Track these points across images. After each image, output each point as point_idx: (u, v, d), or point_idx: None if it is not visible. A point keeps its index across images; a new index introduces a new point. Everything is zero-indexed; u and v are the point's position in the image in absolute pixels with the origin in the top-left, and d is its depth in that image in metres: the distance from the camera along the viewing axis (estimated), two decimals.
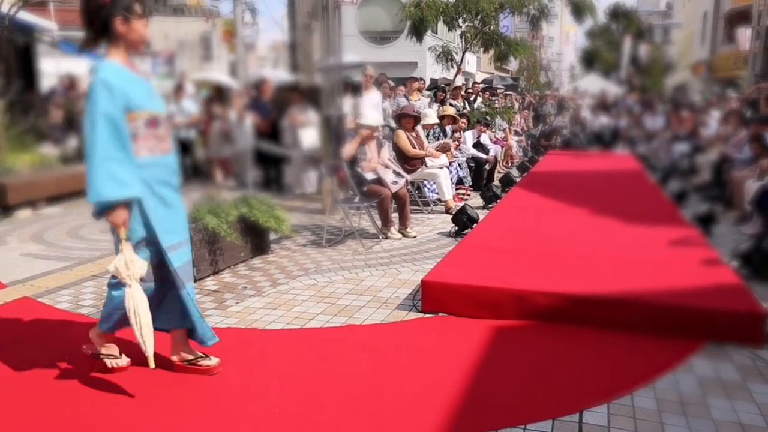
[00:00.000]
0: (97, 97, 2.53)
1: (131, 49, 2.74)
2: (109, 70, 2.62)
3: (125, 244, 2.65)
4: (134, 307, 2.66)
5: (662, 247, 4.75)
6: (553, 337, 3.43)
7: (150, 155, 2.72)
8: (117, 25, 2.64)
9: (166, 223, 2.80)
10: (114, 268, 2.65)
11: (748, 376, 2.95)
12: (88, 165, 2.53)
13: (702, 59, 26.72)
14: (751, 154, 6.84)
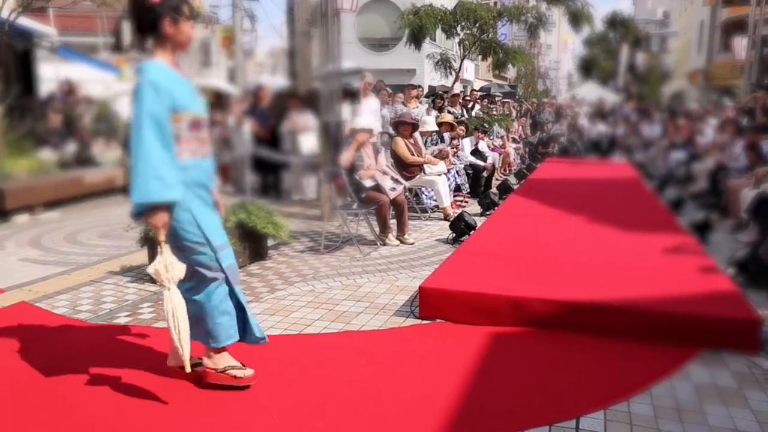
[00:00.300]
0: (145, 97, 2.53)
1: (178, 50, 2.74)
2: (157, 70, 2.62)
3: (165, 247, 2.63)
4: (173, 310, 2.64)
5: (659, 255, 4.77)
6: (550, 344, 3.44)
7: (192, 157, 2.72)
8: (165, 26, 2.65)
9: (212, 224, 2.81)
10: (153, 271, 2.62)
11: (744, 383, 2.97)
12: (133, 164, 2.51)
13: (699, 68, 26.86)
14: (746, 162, 6.88)
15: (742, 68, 17.62)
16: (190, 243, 2.72)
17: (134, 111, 2.53)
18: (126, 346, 3.52)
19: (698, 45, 27.86)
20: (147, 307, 4.20)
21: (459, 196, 8.51)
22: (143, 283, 4.74)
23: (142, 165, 2.50)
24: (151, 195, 2.50)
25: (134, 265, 5.21)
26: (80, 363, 3.25)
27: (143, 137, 2.50)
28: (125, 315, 4.04)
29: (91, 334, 3.72)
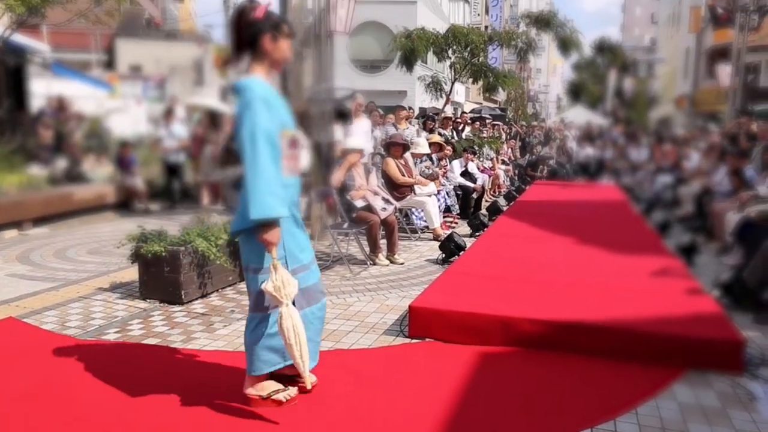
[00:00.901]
0: (258, 113, 2.53)
1: (273, 66, 2.75)
2: (263, 87, 2.62)
3: (278, 264, 2.63)
4: (293, 326, 2.63)
5: (645, 277, 4.83)
6: (538, 364, 3.47)
7: (290, 175, 2.73)
8: (265, 42, 2.66)
9: (301, 242, 2.83)
10: (272, 288, 2.60)
11: (728, 403, 3.01)
12: (248, 181, 2.50)
13: (685, 93, 27.32)
14: (730, 187, 6.99)
15: (726, 94, 17.96)
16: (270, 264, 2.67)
17: (246, 127, 2.52)
18: (114, 362, 3.51)
19: (684, 71, 28.36)
20: (136, 323, 4.19)
21: (449, 217, 8.57)
22: (133, 299, 4.73)
23: (260, 182, 2.50)
24: (269, 211, 2.51)
25: (124, 282, 5.20)
26: (68, 379, 3.24)
27: (259, 154, 2.50)
28: (114, 331, 4.03)
29: (80, 351, 3.70)
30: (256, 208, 2.49)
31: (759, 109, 14.88)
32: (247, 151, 2.52)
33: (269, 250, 2.61)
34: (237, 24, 2.68)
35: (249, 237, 2.66)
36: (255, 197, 2.49)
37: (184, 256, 4.57)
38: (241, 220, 2.63)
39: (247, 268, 2.77)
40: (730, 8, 18.58)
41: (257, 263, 2.70)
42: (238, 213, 2.66)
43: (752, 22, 16.98)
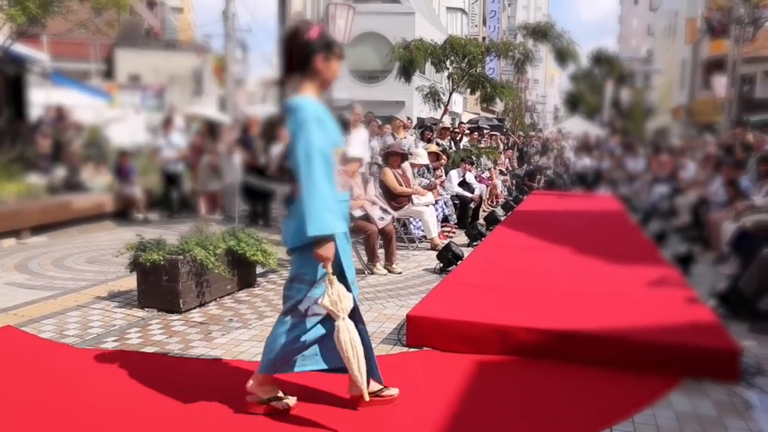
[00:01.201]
0: (312, 131, 2.58)
1: (323, 86, 2.79)
2: (315, 106, 2.66)
3: (334, 279, 2.67)
4: (350, 339, 2.68)
5: (642, 286, 4.85)
6: (535, 373, 3.48)
7: (341, 191, 2.77)
8: (317, 62, 2.70)
9: (348, 258, 2.88)
10: (330, 302, 2.64)
11: (724, 412, 3.02)
12: (306, 199, 2.56)
13: (681, 104, 27.47)
14: (726, 197, 7.03)
15: (722, 105, 18.07)
16: (318, 278, 2.74)
17: (301, 146, 2.58)
18: (113, 371, 3.52)
19: (681, 82, 28.53)
20: (134, 332, 4.19)
21: (446, 227, 8.59)
22: (131, 308, 4.73)
23: (317, 199, 2.56)
24: (326, 228, 2.57)
25: (122, 291, 5.20)
26: (66, 387, 3.24)
27: (315, 172, 2.56)
28: (112, 340, 4.03)
29: (78, 359, 3.71)
30: (314, 225, 2.55)
31: (754, 119, 14.97)
32: (303, 170, 2.58)
33: (325, 266, 2.66)
34: (290, 43, 2.73)
35: (304, 251, 2.70)
36: (313, 214, 2.56)
37: (183, 265, 4.59)
38: (297, 236, 2.67)
39: (299, 278, 2.80)
40: (725, 21, 18.73)
41: (312, 275, 2.75)
42: (293, 229, 2.70)
43: (747, 34, 17.12)
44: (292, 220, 2.72)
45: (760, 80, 21.21)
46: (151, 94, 16.03)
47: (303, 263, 2.76)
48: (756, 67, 20.54)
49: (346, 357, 2.68)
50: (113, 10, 10.29)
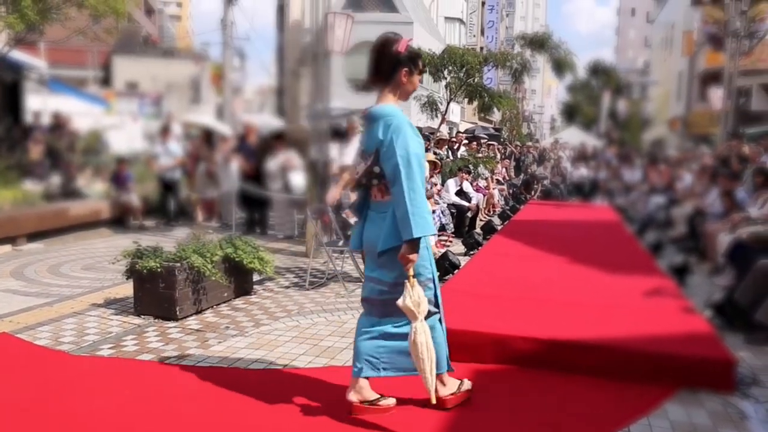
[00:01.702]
0: (409, 138, 2.72)
1: (401, 97, 2.91)
2: (402, 114, 2.80)
3: (414, 281, 2.75)
4: (426, 341, 2.75)
5: (639, 296, 4.87)
6: (531, 382, 3.48)
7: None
8: (402, 75, 2.84)
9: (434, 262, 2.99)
10: (411, 304, 2.71)
11: (719, 422, 3.03)
12: (408, 202, 2.65)
13: (678, 116, 27.59)
14: (722, 208, 7.06)
15: (719, 117, 18.16)
16: (424, 279, 2.86)
17: (400, 151, 2.68)
18: (108, 378, 3.51)
19: (677, 94, 28.67)
20: (131, 339, 4.18)
21: (443, 236, 8.58)
22: (127, 315, 4.72)
23: (418, 202, 2.67)
24: (428, 229, 2.70)
25: (118, 298, 5.19)
26: (61, 395, 3.23)
27: (415, 177, 2.68)
28: (108, 347, 4.02)
29: (73, 366, 3.70)
30: (419, 227, 2.65)
31: (750, 132, 15.04)
32: (403, 174, 2.67)
33: (408, 268, 2.73)
34: (378, 53, 2.85)
35: (394, 254, 2.76)
36: (416, 216, 2.65)
37: (180, 272, 4.58)
38: (390, 238, 2.76)
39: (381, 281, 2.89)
40: (721, 34, 18.87)
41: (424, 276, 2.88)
42: (386, 231, 2.78)
43: (743, 46, 17.25)
44: (379, 224, 2.83)
45: (756, 93, 21.33)
46: (148, 101, 16.05)
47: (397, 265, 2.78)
48: (752, 80, 20.65)
49: (420, 358, 2.75)
50: (111, 18, 10.33)
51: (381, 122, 2.75)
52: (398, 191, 2.68)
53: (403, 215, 2.66)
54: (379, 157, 2.75)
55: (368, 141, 2.85)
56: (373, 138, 2.79)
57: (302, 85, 9.87)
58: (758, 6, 17.59)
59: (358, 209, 3.04)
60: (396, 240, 2.72)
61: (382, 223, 2.80)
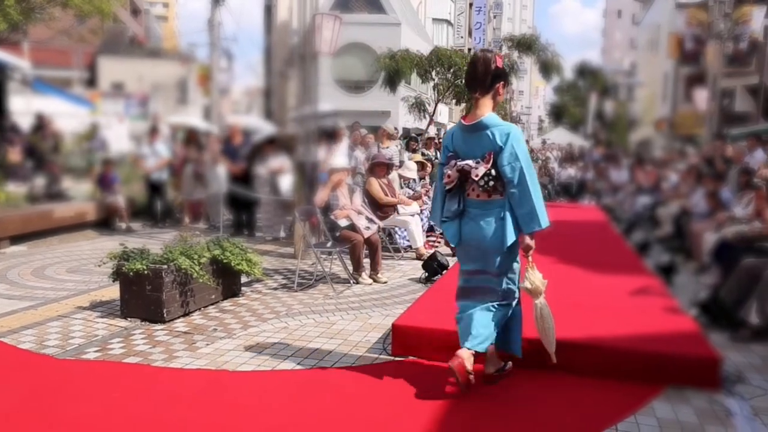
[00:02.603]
0: (524, 144, 3.17)
1: (495, 107, 3.29)
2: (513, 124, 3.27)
3: (534, 265, 3.24)
4: (548, 315, 3.31)
5: (626, 295, 4.89)
6: (520, 381, 3.49)
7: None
8: (500, 87, 3.26)
9: None
10: (536, 286, 3.26)
11: (705, 419, 3.06)
12: (534, 199, 3.11)
13: (664, 116, 27.80)
14: (708, 208, 7.13)
15: (704, 118, 18.35)
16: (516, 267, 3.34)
17: (522, 155, 3.11)
18: (94, 382, 3.48)
19: (663, 95, 28.89)
20: (117, 342, 4.15)
21: (432, 237, 8.61)
22: (113, 318, 4.68)
23: (541, 200, 3.14)
24: (547, 221, 3.15)
25: (104, 300, 5.15)
26: (46, 399, 3.20)
27: (534, 177, 3.15)
28: (94, 350, 3.98)
29: (58, 370, 3.66)
30: (544, 219, 3.14)
31: (734, 132, 15.20)
32: (528, 175, 3.11)
33: (531, 254, 3.21)
34: (480, 68, 3.22)
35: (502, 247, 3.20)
36: (540, 210, 3.12)
37: (167, 274, 4.55)
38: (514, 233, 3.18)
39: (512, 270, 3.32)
40: (704, 37, 19.07)
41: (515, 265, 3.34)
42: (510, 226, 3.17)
43: (727, 49, 17.44)
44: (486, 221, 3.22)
45: (740, 94, 21.56)
46: (134, 102, 15.93)
47: (514, 257, 3.30)
48: (736, 82, 20.88)
49: (544, 327, 3.30)
50: (96, 18, 10.25)
51: (495, 130, 3.13)
52: (523, 191, 3.10)
53: (531, 211, 3.11)
54: (498, 160, 3.11)
55: (475, 146, 3.20)
56: (484, 144, 3.16)
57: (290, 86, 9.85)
58: (741, 8, 17.80)
59: (451, 209, 3.34)
60: (516, 233, 3.17)
61: (490, 221, 3.21)
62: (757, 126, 15.05)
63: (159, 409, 3.07)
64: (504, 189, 3.18)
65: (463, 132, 3.29)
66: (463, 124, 3.27)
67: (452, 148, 3.34)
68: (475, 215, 3.25)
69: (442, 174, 3.38)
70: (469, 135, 3.24)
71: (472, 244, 3.29)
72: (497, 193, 3.20)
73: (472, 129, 3.21)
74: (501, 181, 3.15)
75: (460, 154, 3.27)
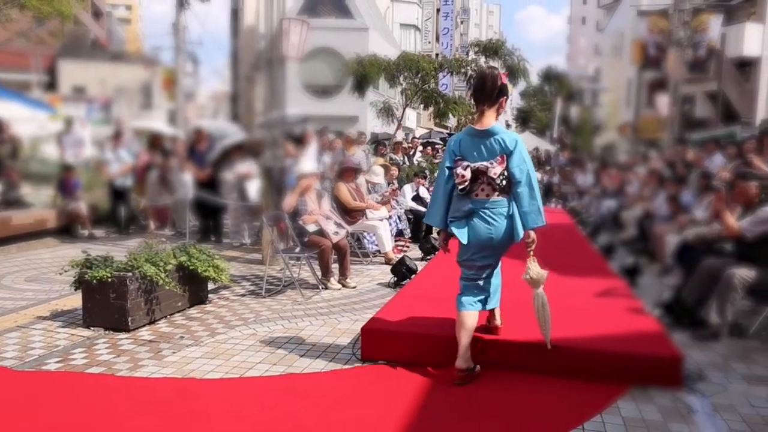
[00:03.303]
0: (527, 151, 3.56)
1: (497, 118, 3.61)
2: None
3: (535, 258, 3.62)
4: (547, 304, 3.63)
5: (591, 297, 4.98)
6: (488, 383, 3.51)
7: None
8: (503, 101, 3.58)
9: None
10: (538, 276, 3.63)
11: (668, 417, 3.12)
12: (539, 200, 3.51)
13: (627, 121, 28.39)
14: (670, 211, 7.29)
15: (665, 123, 18.78)
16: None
17: (527, 160, 3.51)
18: (55, 394, 3.38)
19: (627, 100, 29.51)
20: (79, 352, 4.04)
21: (400, 241, 8.61)
22: (75, 327, 4.56)
23: (540, 198, 3.55)
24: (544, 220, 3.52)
25: (66, 310, 5.02)
26: (4, 412, 3.09)
27: (536, 179, 3.55)
28: (55, 361, 3.87)
29: (17, 382, 3.55)
30: (544, 216, 3.53)
31: (695, 137, 15.61)
32: (533, 178, 3.51)
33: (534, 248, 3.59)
34: (487, 83, 3.54)
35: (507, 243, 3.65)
36: (542, 209, 3.53)
37: (131, 281, 4.46)
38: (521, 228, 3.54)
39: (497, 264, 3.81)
40: (666, 44, 19.55)
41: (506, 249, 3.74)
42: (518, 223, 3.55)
43: (687, 56, 17.91)
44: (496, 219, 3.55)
45: (700, 100, 22.15)
46: (97, 106, 15.59)
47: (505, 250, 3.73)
48: (696, 88, 21.45)
49: (543, 316, 3.61)
50: (56, 20, 10.00)
51: (504, 136, 3.49)
52: (529, 191, 3.47)
53: (536, 209, 3.48)
54: (508, 163, 3.46)
55: (484, 150, 3.52)
56: (494, 148, 3.49)
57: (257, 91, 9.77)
58: (700, 16, 18.31)
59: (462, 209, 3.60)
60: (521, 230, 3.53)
61: (500, 218, 3.54)
62: (716, 131, 15.49)
63: (124, 419, 3.00)
64: (509, 189, 3.50)
65: (472, 137, 3.56)
66: (475, 130, 3.55)
67: (459, 153, 3.60)
68: (485, 213, 3.54)
69: (446, 177, 3.63)
70: (479, 140, 3.53)
71: (484, 240, 3.57)
72: (504, 192, 3.52)
73: (483, 135, 3.51)
74: (509, 181, 3.50)
75: (468, 158, 3.54)
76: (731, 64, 20.57)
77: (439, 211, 3.69)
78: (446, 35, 35.82)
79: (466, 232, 3.60)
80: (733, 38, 20.24)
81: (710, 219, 6.16)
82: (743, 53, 20.56)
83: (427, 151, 14.25)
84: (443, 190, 3.65)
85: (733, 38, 20.26)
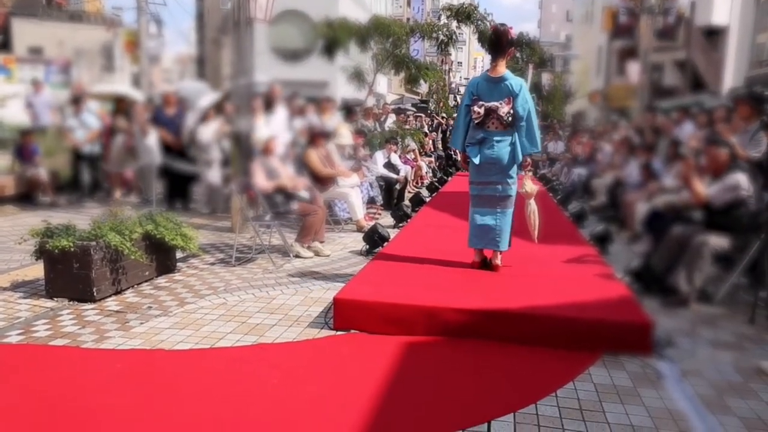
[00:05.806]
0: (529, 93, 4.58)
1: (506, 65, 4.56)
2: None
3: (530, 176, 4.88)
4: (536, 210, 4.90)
5: (563, 264, 5.01)
6: (461, 352, 3.52)
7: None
8: (511, 53, 4.62)
9: None
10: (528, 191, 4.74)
11: (638, 382, 3.17)
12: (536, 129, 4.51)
13: (598, 89, 28.53)
14: (640, 178, 7.36)
15: (635, 91, 18.91)
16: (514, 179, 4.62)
17: (529, 99, 4.51)
18: (17, 367, 3.27)
19: (597, 68, 29.59)
20: (42, 324, 3.92)
21: (372, 209, 8.56)
22: (38, 298, 4.42)
23: (539, 131, 4.58)
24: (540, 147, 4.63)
25: (27, 280, 4.85)
26: None
27: (535, 115, 4.51)
28: (17, 333, 3.75)
29: None
30: (539, 145, 4.61)
31: (664, 105, 15.75)
32: (532, 114, 4.47)
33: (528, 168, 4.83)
34: (500, 38, 4.51)
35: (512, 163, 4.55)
36: (539, 139, 4.58)
37: (95, 251, 4.32)
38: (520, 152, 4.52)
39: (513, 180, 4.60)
40: (637, 10, 19.56)
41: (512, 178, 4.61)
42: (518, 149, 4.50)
43: (657, 23, 17.95)
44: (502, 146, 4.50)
45: (669, 68, 22.33)
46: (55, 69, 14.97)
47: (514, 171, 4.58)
48: (665, 56, 21.59)
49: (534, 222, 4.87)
50: None
51: (512, 81, 4.42)
52: (530, 125, 4.46)
53: (535, 137, 4.50)
54: (513, 103, 4.39)
55: (496, 92, 4.45)
56: (504, 91, 4.43)
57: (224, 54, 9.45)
58: None
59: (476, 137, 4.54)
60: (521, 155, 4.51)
61: (506, 145, 4.49)
62: (685, 99, 15.65)
63: (90, 393, 2.92)
64: (514, 123, 4.42)
65: (488, 82, 4.50)
66: (489, 77, 4.49)
67: (476, 93, 4.52)
68: (495, 141, 4.49)
69: (467, 111, 4.57)
70: (493, 84, 4.47)
71: (493, 161, 4.51)
72: (510, 126, 4.44)
73: (497, 80, 4.46)
74: (515, 117, 4.41)
75: (483, 98, 4.48)
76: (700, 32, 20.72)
77: (460, 137, 4.68)
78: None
79: (477, 154, 4.53)
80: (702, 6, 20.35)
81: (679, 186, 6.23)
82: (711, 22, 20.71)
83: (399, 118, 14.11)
84: (463, 122, 4.64)
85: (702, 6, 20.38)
